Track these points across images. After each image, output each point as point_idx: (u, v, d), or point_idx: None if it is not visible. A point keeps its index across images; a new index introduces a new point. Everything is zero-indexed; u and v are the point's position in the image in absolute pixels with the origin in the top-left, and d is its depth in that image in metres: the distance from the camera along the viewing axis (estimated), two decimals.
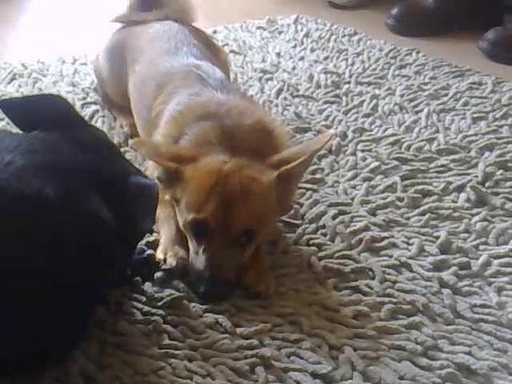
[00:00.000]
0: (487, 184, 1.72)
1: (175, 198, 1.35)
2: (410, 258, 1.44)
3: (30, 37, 2.71)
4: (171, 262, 1.34)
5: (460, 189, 1.69)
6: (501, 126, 2.03)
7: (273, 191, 1.33)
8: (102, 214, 1.06)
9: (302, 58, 2.52)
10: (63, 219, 1.01)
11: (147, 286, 1.31)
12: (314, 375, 1.14)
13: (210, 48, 1.92)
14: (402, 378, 1.14)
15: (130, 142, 1.33)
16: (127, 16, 2.08)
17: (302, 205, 1.61)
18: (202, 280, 1.28)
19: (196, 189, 1.30)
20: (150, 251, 1.39)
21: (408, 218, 1.59)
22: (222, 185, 1.28)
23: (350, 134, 1.95)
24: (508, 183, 1.72)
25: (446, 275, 1.39)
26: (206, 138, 1.38)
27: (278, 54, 2.56)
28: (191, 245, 1.34)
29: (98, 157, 1.13)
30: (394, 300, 1.31)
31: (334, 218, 1.56)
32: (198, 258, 1.30)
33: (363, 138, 1.94)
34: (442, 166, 1.80)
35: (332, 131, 1.56)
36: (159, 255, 1.36)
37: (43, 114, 1.16)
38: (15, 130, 1.21)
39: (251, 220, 1.30)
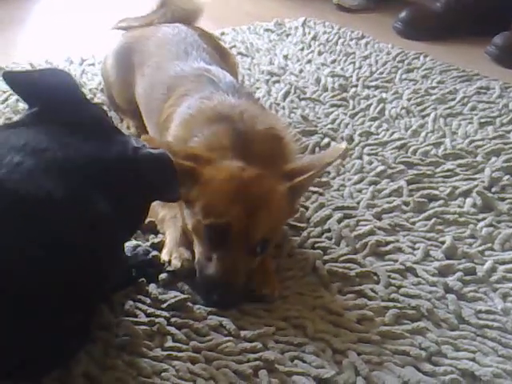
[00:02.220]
0: (493, 189, 1.71)
1: (187, 198, 1.32)
2: (415, 262, 1.44)
3: (38, 37, 2.72)
4: (176, 263, 1.34)
5: (466, 194, 1.69)
6: (508, 132, 2.02)
7: (286, 201, 1.33)
8: (106, 212, 1.05)
9: (309, 61, 2.52)
10: (73, 221, 1.01)
11: (152, 288, 1.31)
12: (318, 379, 1.14)
13: (219, 52, 1.92)
14: (405, 383, 1.14)
15: (142, 137, 1.31)
16: (129, 20, 2.09)
17: (307, 208, 1.60)
18: (215, 287, 1.27)
19: (217, 193, 1.28)
20: (154, 253, 1.39)
21: (414, 223, 1.58)
22: (245, 192, 1.27)
23: (356, 138, 1.95)
24: None
25: (451, 280, 1.38)
26: (219, 141, 1.37)
27: (286, 57, 2.56)
28: (200, 248, 1.32)
29: (101, 144, 1.12)
30: (399, 305, 1.31)
31: (339, 221, 1.56)
32: (211, 264, 1.28)
33: (370, 141, 1.94)
34: (448, 170, 1.80)
35: (345, 145, 1.54)
36: (164, 257, 1.36)
37: (47, 89, 1.14)
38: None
39: (270, 229, 1.29)
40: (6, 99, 2.03)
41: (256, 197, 1.27)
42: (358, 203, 1.64)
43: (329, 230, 1.53)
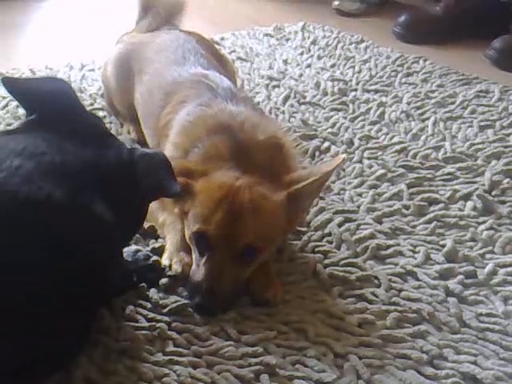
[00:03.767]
0: (494, 192, 1.71)
1: (184, 210, 1.34)
2: (416, 266, 1.44)
3: (38, 43, 2.73)
4: (176, 268, 1.34)
5: (466, 197, 1.69)
6: (508, 135, 2.03)
7: (282, 210, 1.32)
8: (105, 215, 1.06)
9: (308, 66, 2.53)
10: (72, 223, 1.01)
11: (152, 293, 1.31)
12: (319, 383, 1.14)
13: (217, 58, 1.92)
14: None
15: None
16: (129, 36, 2.12)
17: (307, 212, 1.60)
18: (198, 292, 1.28)
19: (204, 201, 1.29)
20: (155, 257, 1.39)
21: (414, 226, 1.58)
22: (231, 199, 1.27)
23: (356, 142, 1.95)
24: None
25: (452, 284, 1.38)
26: (218, 152, 1.37)
27: (285, 61, 2.56)
28: (194, 257, 1.33)
29: (98, 149, 1.13)
30: (400, 308, 1.31)
31: (339, 225, 1.56)
32: (199, 270, 1.29)
33: (370, 145, 1.94)
34: (448, 174, 1.80)
35: (344, 155, 1.56)
36: (165, 261, 1.36)
37: (45, 96, 1.16)
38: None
39: (257, 237, 1.29)
40: (6, 105, 2.04)
41: (243, 204, 1.27)
42: (359, 207, 1.65)
43: (329, 234, 1.53)
